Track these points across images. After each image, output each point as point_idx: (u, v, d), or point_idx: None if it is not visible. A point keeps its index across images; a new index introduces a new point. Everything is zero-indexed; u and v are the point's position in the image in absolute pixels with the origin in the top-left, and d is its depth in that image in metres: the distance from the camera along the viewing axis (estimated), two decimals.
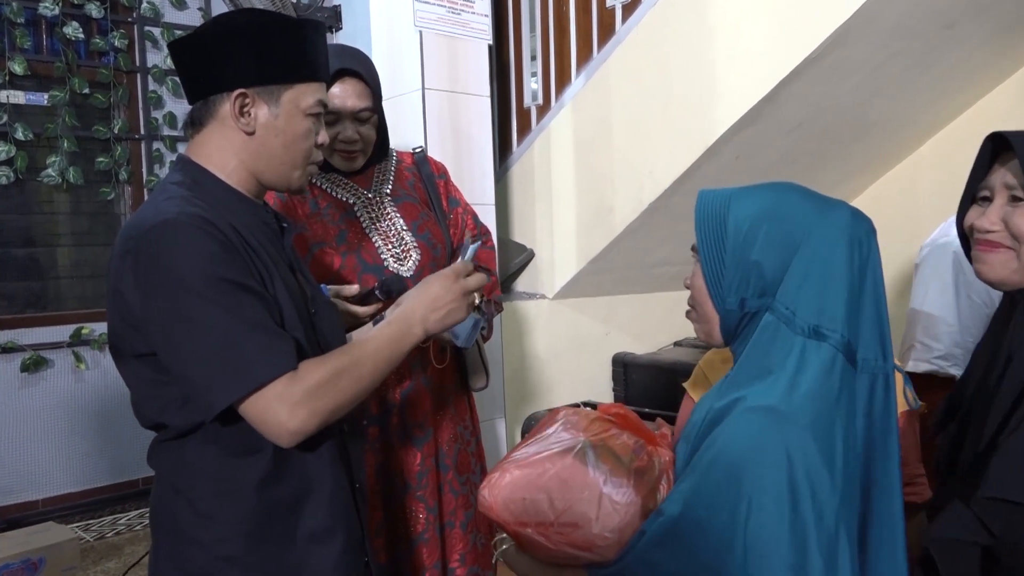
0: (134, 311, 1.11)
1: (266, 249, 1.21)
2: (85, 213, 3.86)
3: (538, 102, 3.39)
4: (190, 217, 1.10)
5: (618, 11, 3.01)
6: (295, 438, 1.10)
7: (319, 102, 1.24)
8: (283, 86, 1.21)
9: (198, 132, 1.24)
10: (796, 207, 1.02)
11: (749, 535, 0.90)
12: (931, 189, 3.45)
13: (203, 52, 1.20)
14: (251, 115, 1.20)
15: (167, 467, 1.20)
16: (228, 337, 1.07)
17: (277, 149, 1.22)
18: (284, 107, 1.21)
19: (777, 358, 0.98)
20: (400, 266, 1.79)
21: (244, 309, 1.09)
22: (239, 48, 1.18)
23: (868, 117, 3.02)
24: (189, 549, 1.16)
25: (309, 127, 1.24)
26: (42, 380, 3.61)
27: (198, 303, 1.07)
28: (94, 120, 3.75)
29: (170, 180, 1.21)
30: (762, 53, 2.55)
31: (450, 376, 1.89)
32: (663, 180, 2.85)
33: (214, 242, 1.10)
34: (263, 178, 1.25)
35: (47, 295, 3.76)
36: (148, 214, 1.13)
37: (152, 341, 1.11)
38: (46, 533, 3.03)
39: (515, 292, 3.39)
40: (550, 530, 1.03)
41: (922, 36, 2.59)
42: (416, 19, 2.64)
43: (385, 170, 1.90)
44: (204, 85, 1.21)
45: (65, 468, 3.66)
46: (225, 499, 1.16)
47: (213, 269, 1.08)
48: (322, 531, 1.21)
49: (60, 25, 3.60)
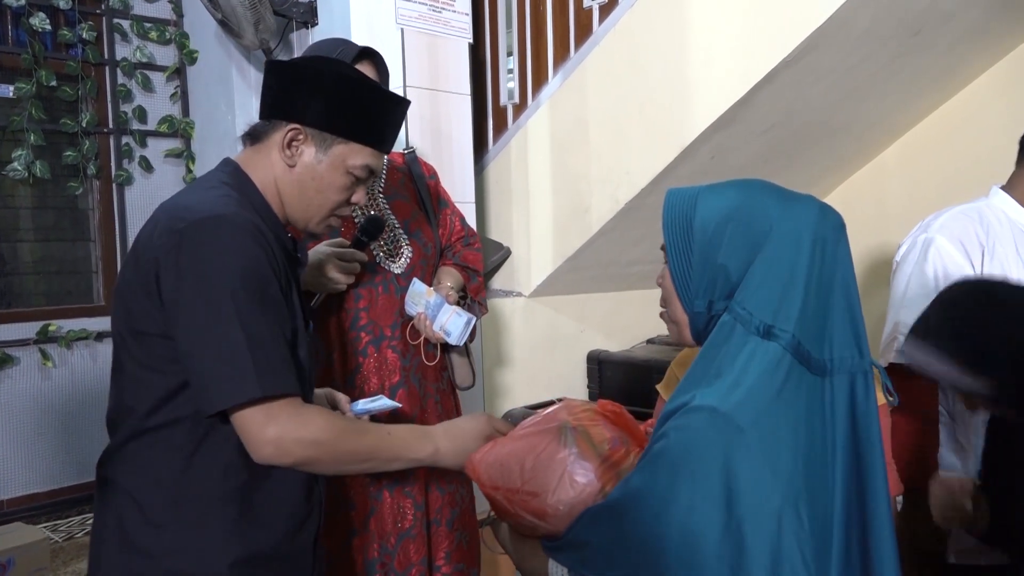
0: (166, 291, 1.13)
1: (285, 271, 1.24)
2: (51, 208, 3.78)
3: (514, 101, 3.40)
4: (246, 220, 1.14)
5: (595, 12, 3.04)
6: (266, 460, 1.13)
7: (367, 167, 1.28)
8: (338, 138, 1.25)
9: (252, 145, 1.29)
10: (761, 206, 1.01)
11: (682, 535, 0.91)
12: (897, 190, 3.55)
13: (286, 79, 1.25)
14: (298, 151, 1.25)
15: (121, 472, 1.20)
16: (253, 341, 1.09)
17: (309, 191, 1.27)
18: (331, 157, 1.26)
19: (727, 358, 0.98)
20: (391, 263, 1.81)
21: (274, 319, 1.13)
22: (315, 88, 1.23)
23: (838, 119, 3.10)
24: (135, 559, 1.15)
25: (347, 184, 1.28)
26: (7, 378, 3.53)
27: (231, 302, 1.09)
28: (61, 113, 3.68)
29: (219, 178, 1.25)
30: (737, 56, 2.60)
31: (439, 375, 1.91)
32: (639, 180, 2.89)
33: (262, 251, 1.14)
34: (288, 210, 1.29)
35: (11, 291, 3.68)
36: (201, 203, 1.16)
37: (173, 324, 1.12)
38: (14, 534, 2.97)
39: (492, 290, 3.41)
40: (515, 496, 1.10)
41: (890, 42, 2.67)
42: (398, 16, 2.64)
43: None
44: (272, 108, 1.27)
45: (31, 468, 3.58)
46: (178, 508, 1.15)
47: (256, 275, 1.12)
48: (271, 557, 1.21)
49: (26, 16, 3.52)
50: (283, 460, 1.13)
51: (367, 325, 1.78)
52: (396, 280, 1.81)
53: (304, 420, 1.12)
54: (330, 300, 1.76)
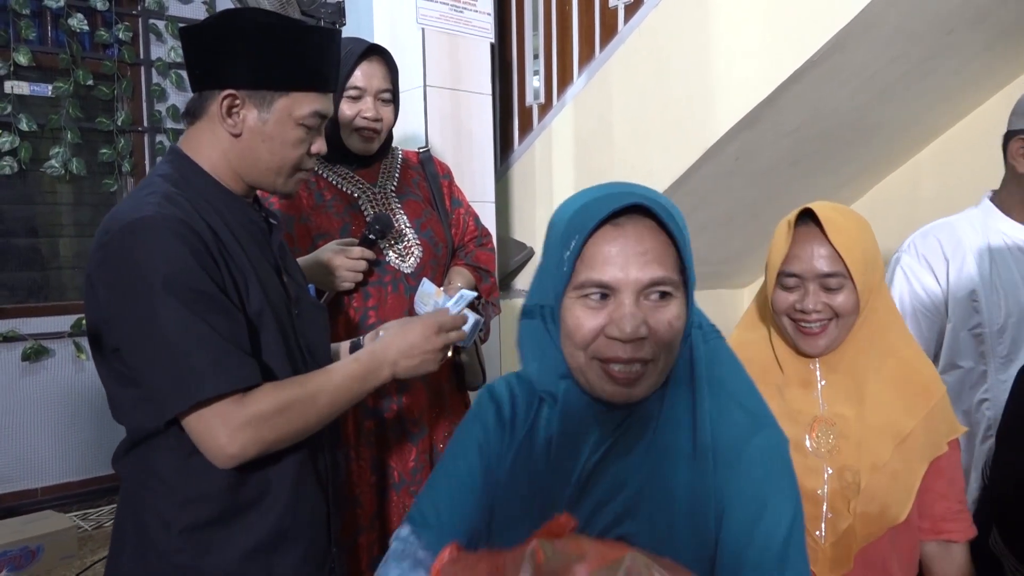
0: (102, 305, 1.10)
1: (247, 250, 1.18)
2: (88, 204, 3.88)
3: (540, 101, 3.40)
4: (166, 219, 1.07)
5: (620, 12, 3.03)
6: (232, 461, 1.08)
7: (316, 113, 1.20)
8: (277, 93, 1.17)
9: (192, 124, 1.21)
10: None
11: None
12: (930, 194, 3.46)
13: (203, 45, 1.17)
14: (239, 117, 1.17)
15: (130, 472, 1.19)
16: (181, 347, 1.05)
17: (263, 154, 1.19)
18: (275, 114, 1.17)
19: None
20: (401, 262, 1.81)
21: (203, 320, 1.06)
22: (237, 47, 1.15)
23: (867, 121, 3.03)
24: (148, 554, 1.15)
25: (301, 136, 1.20)
26: (43, 369, 3.64)
27: (160, 308, 1.04)
28: (97, 112, 3.77)
29: (158, 172, 1.19)
30: (762, 56, 2.56)
31: (448, 373, 1.91)
32: (662, 180, 2.86)
33: (186, 247, 1.07)
34: (247, 179, 1.22)
35: (49, 285, 3.78)
36: (128, 208, 1.11)
37: (117, 337, 1.10)
38: (45, 521, 3.06)
39: (514, 290, 3.41)
40: None
41: (921, 42, 2.60)
42: (419, 16, 2.65)
43: (391, 166, 1.92)
44: (201, 78, 1.19)
45: (64, 457, 3.68)
46: (182, 508, 1.14)
47: (180, 275, 1.06)
48: (279, 540, 1.18)
49: (65, 17, 3.62)
50: (246, 455, 1.09)
51: (376, 324, 1.78)
52: (406, 280, 1.81)
53: (243, 406, 1.07)
54: (339, 298, 1.77)
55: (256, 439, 1.09)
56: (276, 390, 1.11)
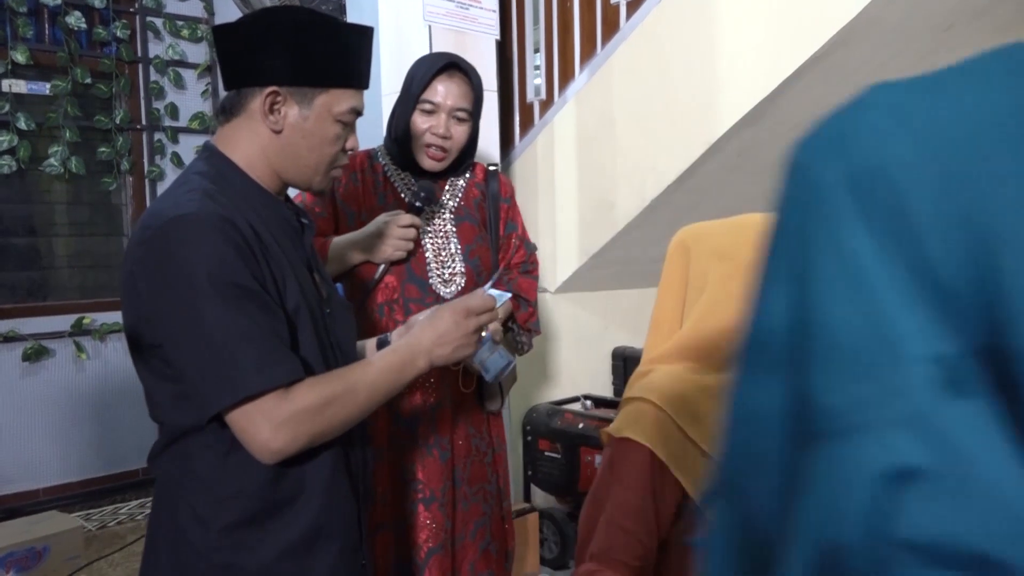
0: (144, 301, 1.11)
1: (283, 248, 1.19)
2: (86, 203, 3.86)
3: (541, 97, 3.41)
4: (208, 215, 1.08)
5: (622, 8, 3.04)
6: (276, 457, 1.10)
7: (352, 109, 1.23)
8: (317, 89, 1.19)
9: (228, 122, 1.22)
10: None
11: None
12: None
13: (241, 43, 1.19)
14: (281, 113, 1.18)
15: (167, 470, 1.19)
16: (226, 343, 1.06)
17: (302, 151, 1.21)
18: (316, 110, 1.19)
19: None
20: (444, 287, 1.81)
21: (247, 316, 1.07)
22: (277, 44, 1.17)
23: None
24: (185, 551, 1.15)
25: (338, 133, 1.23)
26: (43, 369, 3.62)
27: (203, 304, 1.06)
28: (96, 110, 3.75)
29: (194, 170, 1.20)
30: (764, 52, 2.58)
31: (471, 395, 1.91)
32: (665, 176, 2.88)
33: (229, 243, 1.08)
34: (285, 176, 1.24)
35: (48, 285, 3.77)
36: (168, 205, 1.12)
37: (158, 334, 1.11)
38: (50, 522, 3.05)
39: None
40: None
41: (921, 38, 2.63)
42: (425, 13, 2.65)
43: (457, 186, 1.90)
44: (239, 76, 1.20)
45: (66, 457, 3.67)
46: (220, 506, 1.14)
47: (223, 271, 1.06)
48: (315, 536, 1.19)
49: (62, 15, 3.60)
50: (289, 450, 1.10)
51: None
52: None
53: (286, 402, 1.08)
54: (376, 313, 1.78)
55: (300, 434, 1.10)
56: (318, 384, 1.12)
